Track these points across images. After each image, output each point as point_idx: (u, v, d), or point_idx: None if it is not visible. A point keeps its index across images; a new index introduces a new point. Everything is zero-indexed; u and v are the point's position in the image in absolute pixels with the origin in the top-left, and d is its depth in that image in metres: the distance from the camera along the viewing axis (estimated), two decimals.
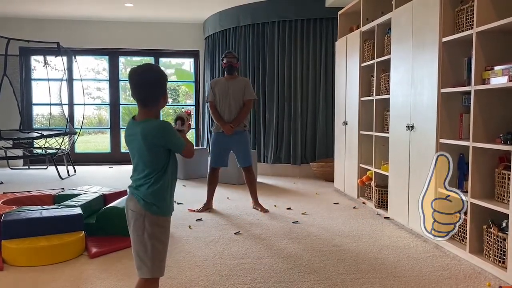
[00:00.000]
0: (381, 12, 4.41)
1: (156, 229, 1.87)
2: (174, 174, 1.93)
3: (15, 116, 7.35)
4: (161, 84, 1.87)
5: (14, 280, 2.65)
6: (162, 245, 1.89)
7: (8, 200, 3.72)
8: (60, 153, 6.87)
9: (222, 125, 4.46)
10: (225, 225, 3.93)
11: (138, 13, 7.70)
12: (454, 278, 2.68)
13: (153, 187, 1.85)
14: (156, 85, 1.86)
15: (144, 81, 1.84)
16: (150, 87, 1.85)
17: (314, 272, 2.77)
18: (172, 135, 1.86)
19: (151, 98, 1.86)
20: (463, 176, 3.13)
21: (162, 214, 1.89)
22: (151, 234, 1.85)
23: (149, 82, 1.85)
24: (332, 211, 4.49)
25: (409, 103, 3.67)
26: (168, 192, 1.90)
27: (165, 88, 1.88)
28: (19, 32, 7.23)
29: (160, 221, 1.89)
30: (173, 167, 1.91)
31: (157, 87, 1.86)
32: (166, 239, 1.92)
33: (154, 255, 1.86)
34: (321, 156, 6.69)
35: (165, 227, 1.91)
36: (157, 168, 1.85)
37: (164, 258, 1.91)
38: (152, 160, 1.84)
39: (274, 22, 6.87)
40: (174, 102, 10.82)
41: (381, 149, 4.38)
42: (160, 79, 1.87)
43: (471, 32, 2.89)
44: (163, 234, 1.90)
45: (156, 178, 1.85)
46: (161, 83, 1.87)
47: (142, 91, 1.84)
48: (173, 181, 1.94)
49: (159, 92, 1.86)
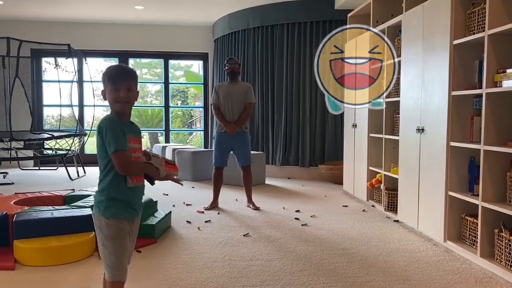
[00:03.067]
0: (391, 15, 4.40)
1: (103, 231, 1.83)
2: (119, 174, 1.84)
3: (26, 117, 7.43)
4: (103, 80, 1.88)
5: (26, 279, 2.67)
6: (107, 250, 1.83)
7: (20, 200, 3.76)
8: (70, 154, 6.92)
9: (225, 125, 4.61)
10: (234, 226, 3.94)
11: (148, 16, 7.75)
12: (465, 282, 2.66)
13: (101, 185, 1.87)
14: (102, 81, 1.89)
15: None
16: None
17: (323, 275, 2.76)
18: (107, 131, 1.79)
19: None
20: (474, 180, 3.10)
21: (109, 216, 1.82)
22: (99, 236, 1.86)
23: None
24: (341, 214, 4.47)
25: (419, 105, 3.65)
26: (118, 192, 1.84)
27: (105, 84, 1.86)
28: (31, 34, 7.31)
29: (108, 224, 1.82)
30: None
31: (103, 82, 1.89)
32: (115, 246, 1.82)
33: (104, 258, 1.85)
34: (330, 159, 6.68)
35: (111, 232, 1.82)
36: (103, 164, 1.85)
37: (117, 264, 1.83)
38: (100, 156, 1.86)
39: (283, 24, 6.88)
40: (183, 104, 10.87)
41: (391, 151, 4.37)
42: (102, 76, 1.89)
43: (482, 35, 2.88)
44: (108, 239, 1.82)
45: (103, 176, 1.86)
46: (103, 79, 1.88)
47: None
48: (125, 182, 1.84)
49: (104, 87, 1.88)
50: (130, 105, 1.89)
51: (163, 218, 3.68)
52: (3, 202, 3.63)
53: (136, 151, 1.89)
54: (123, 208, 1.85)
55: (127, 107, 1.88)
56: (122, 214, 1.85)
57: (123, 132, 1.83)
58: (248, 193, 4.79)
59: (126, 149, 1.82)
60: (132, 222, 1.93)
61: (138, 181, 1.91)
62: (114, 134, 1.80)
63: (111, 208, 1.83)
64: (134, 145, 1.88)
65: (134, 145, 1.88)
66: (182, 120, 10.70)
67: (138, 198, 1.94)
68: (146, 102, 10.66)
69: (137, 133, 1.94)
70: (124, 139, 1.83)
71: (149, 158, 1.95)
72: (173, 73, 9.59)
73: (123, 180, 1.85)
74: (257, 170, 6.07)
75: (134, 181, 1.88)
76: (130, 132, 1.88)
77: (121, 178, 1.85)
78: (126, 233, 1.88)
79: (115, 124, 1.83)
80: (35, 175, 7.22)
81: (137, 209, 1.93)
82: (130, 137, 1.86)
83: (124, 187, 1.85)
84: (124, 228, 1.86)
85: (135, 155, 1.88)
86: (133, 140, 1.88)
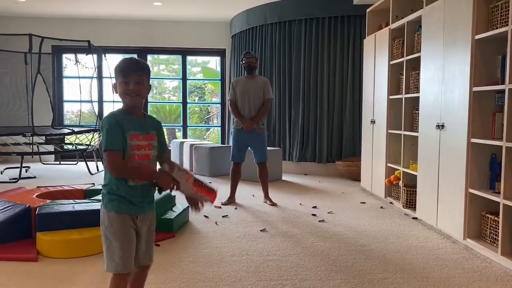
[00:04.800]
0: (411, 9, 4.34)
1: (104, 223, 1.81)
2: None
3: (47, 113, 7.57)
4: (115, 73, 1.84)
5: (48, 271, 2.73)
6: (107, 241, 1.81)
7: (42, 194, 3.84)
8: (90, 149, 7.04)
9: (242, 121, 4.63)
10: (251, 222, 3.95)
11: (166, 12, 7.80)
12: (485, 281, 2.62)
13: (104, 180, 1.84)
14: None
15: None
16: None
17: (341, 271, 2.76)
18: (103, 128, 1.77)
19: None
20: (496, 177, 3.05)
21: (111, 209, 1.80)
22: (101, 228, 1.84)
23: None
24: (358, 210, 4.45)
25: (439, 101, 3.60)
26: (118, 189, 1.80)
27: (117, 76, 1.82)
28: (52, 31, 7.43)
29: (109, 216, 1.80)
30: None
31: (115, 75, 1.85)
32: (115, 239, 1.79)
33: (104, 249, 1.83)
34: (347, 155, 6.64)
35: (113, 225, 1.79)
36: (105, 159, 1.82)
37: (117, 256, 1.79)
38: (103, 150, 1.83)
39: (301, 20, 6.84)
40: (200, 100, 10.93)
41: (410, 148, 4.32)
42: (114, 69, 1.85)
43: (506, 29, 2.82)
44: (109, 231, 1.80)
45: (105, 170, 1.84)
46: (114, 72, 1.84)
47: None
48: (125, 180, 1.80)
49: (115, 80, 1.85)
50: (140, 99, 1.83)
51: (181, 212, 3.72)
52: (26, 196, 3.72)
53: (141, 148, 1.81)
54: (124, 203, 1.80)
55: (137, 100, 1.82)
56: (123, 208, 1.80)
57: (121, 130, 1.76)
58: (264, 189, 4.81)
59: (119, 149, 1.76)
60: (137, 217, 1.85)
61: (141, 180, 1.83)
62: (109, 132, 1.75)
63: (113, 201, 1.80)
64: (139, 142, 1.80)
65: (139, 142, 1.80)
66: (200, 116, 10.75)
67: (141, 196, 1.84)
68: (164, 98, 10.74)
69: (146, 129, 1.85)
70: (120, 138, 1.76)
71: (172, 170, 1.83)
72: (190, 69, 9.64)
73: (122, 178, 1.80)
74: (274, 166, 6.08)
75: (135, 180, 1.81)
76: (136, 129, 1.81)
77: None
78: (127, 227, 1.81)
79: (114, 121, 1.77)
80: (56, 170, 7.36)
81: (139, 205, 1.84)
82: (133, 134, 1.79)
83: (124, 185, 1.79)
84: (125, 222, 1.80)
85: (138, 153, 1.80)
86: (137, 137, 1.80)
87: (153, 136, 1.87)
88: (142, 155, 1.82)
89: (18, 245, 3.07)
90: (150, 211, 1.92)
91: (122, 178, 1.79)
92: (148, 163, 1.85)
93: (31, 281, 2.57)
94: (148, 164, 1.85)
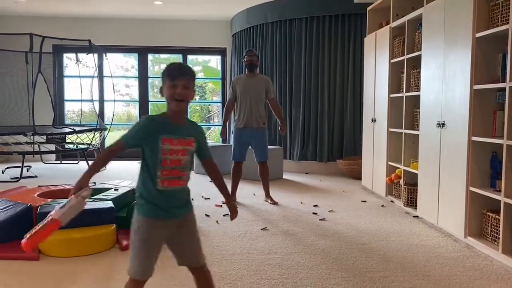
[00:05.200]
0: (412, 8, 4.34)
1: (133, 225, 1.80)
2: (149, 174, 1.78)
3: (48, 112, 7.58)
4: (162, 77, 1.85)
5: (49, 270, 2.74)
6: (132, 244, 1.80)
7: (43, 193, 3.84)
8: (91, 148, 7.04)
9: (223, 131, 4.90)
10: (252, 220, 3.96)
11: (167, 11, 7.80)
12: (486, 279, 2.63)
13: (138, 181, 1.84)
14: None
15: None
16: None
17: (342, 269, 2.76)
18: (131, 128, 1.82)
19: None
20: (496, 175, 3.05)
21: (139, 213, 1.79)
22: (131, 228, 1.82)
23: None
24: (359, 209, 4.45)
25: (440, 100, 3.60)
26: (147, 192, 1.79)
27: (164, 80, 1.83)
28: (53, 31, 7.43)
29: (137, 220, 1.79)
30: (148, 166, 1.79)
31: (162, 79, 1.86)
32: (138, 244, 1.78)
33: (130, 252, 1.82)
34: (348, 154, 6.64)
35: (139, 229, 1.78)
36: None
37: (139, 261, 1.79)
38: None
39: (301, 19, 6.84)
40: (201, 99, 10.93)
41: (411, 146, 4.32)
42: (162, 73, 1.86)
43: (506, 27, 2.82)
44: (135, 234, 1.79)
45: (138, 174, 1.83)
46: (162, 75, 1.85)
47: None
48: (154, 184, 1.77)
49: (162, 84, 1.86)
50: (186, 104, 1.82)
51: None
52: (27, 195, 3.72)
53: (174, 153, 1.78)
54: (152, 207, 1.78)
55: (183, 105, 1.81)
56: (151, 213, 1.79)
57: (145, 132, 1.78)
58: (265, 187, 4.81)
59: (125, 143, 1.79)
60: (168, 221, 1.81)
61: (171, 185, 1.79)
62: (132, 129, 1.80)
63: (142, 206, 1.79)
64: (172, 146, 1.77)
65: (172, 147, 1.77)
66: (200, 115, 10.75)
67: (170, 200, 1.80)
68: None
69: (182, 134, 1.81)
70: (134, 138, 1.79)
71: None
72: None
73: (151, 181, 1.78)
74: (275, 164, 6.08)
75: (165, 183, 1.78)
76: (169, 133, 1.78)
77: (149, 179, 1.78)
78: (152, 233, 1.78)
79: (144, 122, 1.82)
80: (57, 169, 7.37)
81: (169, 209, 1.80)
82: (165, 138, 1.77)
83: (153, 189, 1.78)
84: (151, 228, 1.78)
85: (171, 157, 1.77)
86: (170, 141, 1.77)
87: (190, 142, 1.84)
88: (174, 160, 1.79)
89: (20, 245, 3.06)
90: (185, 215, 1.88)
91: (151, 183, 1.77)
92: (180, 168, 1.81)
93: (33, 280, 2.58)
94: (181, 170, 1.81)
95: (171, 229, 1.83)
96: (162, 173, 1.76)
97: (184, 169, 1.82)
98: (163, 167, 1.77)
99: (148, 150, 1.77)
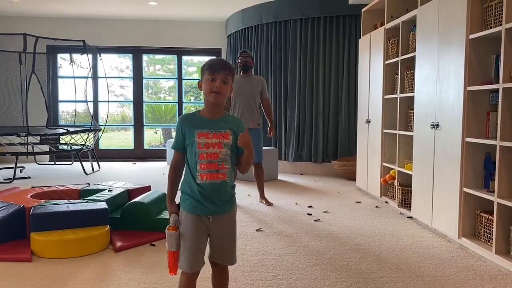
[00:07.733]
0: (406, 9, 4.36)
1: (182, 221, 1.87)
2: (190, 169, 1.86)
3: (42, 113, 7.55)
4: (201, 71, 1.90)
5: (42, 271, 2.72)
6: (183, 238, 1.85)
7: (36, 194, 3.83)
8: (85, 149, 7.01)
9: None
10: (247, 221, 3.95)
11: (162, 12, 7.79)
12: (480, 279, 2.64)
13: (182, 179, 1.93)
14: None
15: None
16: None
17: (336, 270, 2.76)
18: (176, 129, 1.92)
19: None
20: (490, 176, 3.07)
21: (183, 209, 1.88)
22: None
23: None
24: (354, 210, 4.46)
25: (434, 101, 3.61)
26: (188, 186, 1.86)
27: (203, 74, 1.88)
28: (47, 31, 7.41)
29: (183, 215, 1.87)
30: (189, 162, 1.87)
31: (201, 73, 1.92)
32: (187, 235, 1.84)
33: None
34: (343, 155, 6.65)
35: (184, 224, 1.85)
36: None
37: (185, 255, 1.84)
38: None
39: (296, 20, 6.85)
40: (196, 100, 10.92)
41: (405, 147, 4.33)
42: (202, 67, 1.92)
43: (500, 29, 2.83)
44: (183, 227, 1.85)
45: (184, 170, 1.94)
46: (201, 69, 1.91)
47: None
48: (194, 178, 1.83)
49: (201, 78, 1.91)
50: (223, 98, 1.85)
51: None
52: (20, 196, 3.70)
53: (210, 146, 1.82)
54: (193, 203, 1.84)
55: (220, 99, 1.84)
56: (191, 208, 1.84)
57: (183, 132, 1.85)
58: (260, 189, 4.80)
59: (177, 149, 1.88)
60: (209, 217, 1.85)
61: (210, 178, 1.82)
62: (176, 134, 1.90)
63: (185, 201, 1.86)
64: (207, 140, 1.82)
65: (207, 140, 1.82)
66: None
67: (210, 194, 1.83)
68: (160, 98, 10.71)
69: (218, 128, 1.85)
70: (180, 140, 1.86)
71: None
72: (186, 69, 9.63)
73: (192, 176, 1.84)
74: (270, 166, 6.08)
75: (204, 177, 1.82)
76: (204, 127, 1.83)
77: (190, 175, 1.85)
78: (195, 228, 1.84)
79: (179, 123, 1.88)
80: (51, 170, 7.33)
81: (209, 205, 1.83)
82: (200, 132, 1.82)
83: (193, 182, 1.83)
84: (193, 222, 1.83)
85: (207, 151, 1.81)
86: (205, 135, 1.82)
87: (227, 135, 1.86)
88: (211, 153, 1.82)
89: (12, 246, 3.05)
90: (223, 213, 1.89)
91: (191, 176, 1.84)
92: (218, 162, 1.83)
93: (25, 282, 2.56)
94: (219, 163, 1.84)
95: (209, 224, 1.87)
96: (200, 166, 1.82)
97: (222, 162, 1.84)
98: (201, 161, 1.82)
99: (188, 146, 1.85)
